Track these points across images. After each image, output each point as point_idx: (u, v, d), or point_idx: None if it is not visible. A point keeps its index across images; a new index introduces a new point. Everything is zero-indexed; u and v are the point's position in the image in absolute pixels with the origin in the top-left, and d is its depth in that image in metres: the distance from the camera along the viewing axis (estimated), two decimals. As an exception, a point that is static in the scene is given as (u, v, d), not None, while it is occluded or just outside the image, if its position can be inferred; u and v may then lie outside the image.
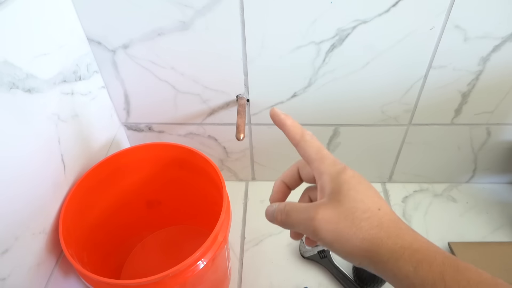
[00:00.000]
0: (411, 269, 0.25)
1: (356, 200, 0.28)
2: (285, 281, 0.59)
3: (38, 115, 0.42)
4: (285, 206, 0.32)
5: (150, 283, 0.38)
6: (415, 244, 0.26)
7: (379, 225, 0.27)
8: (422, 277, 0.25)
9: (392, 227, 0.27)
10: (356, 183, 0.29)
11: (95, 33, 0.51)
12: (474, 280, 0.23)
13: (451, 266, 0.24)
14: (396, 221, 0.28)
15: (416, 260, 0.25)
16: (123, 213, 0.58)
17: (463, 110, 0.59)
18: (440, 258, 0.25)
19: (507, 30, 0.49)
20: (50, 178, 0.44)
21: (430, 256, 0.25)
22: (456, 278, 0.24)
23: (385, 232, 0.27)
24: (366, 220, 0.28)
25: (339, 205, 0.28)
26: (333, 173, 0.30)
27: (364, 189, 0.29)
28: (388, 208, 0.29)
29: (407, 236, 0.27)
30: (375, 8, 0.47)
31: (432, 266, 0.25)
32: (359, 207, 0.28)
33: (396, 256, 0.26)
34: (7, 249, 0.37)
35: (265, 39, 0.51)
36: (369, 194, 0.29)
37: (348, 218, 0.28)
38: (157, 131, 0.66)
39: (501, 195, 0.71)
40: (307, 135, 0.33)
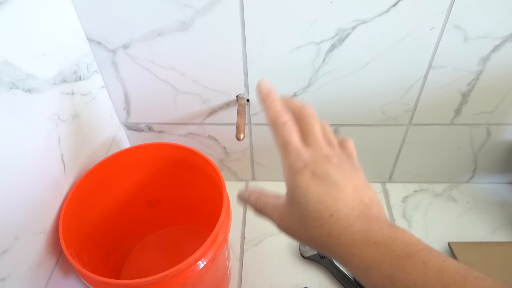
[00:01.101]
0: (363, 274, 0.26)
1: (308, 208, 0.28)
2: (285, 281, 0.59)
3: (38, 115, 0.42)
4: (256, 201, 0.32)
5: (150, 283, 0.38)
6: (365, 250, 0.26)
7: (329, 233, 0.27)
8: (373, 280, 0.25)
9: (344, 234, 0.27)
10: (312, 185, 0.28)
11: (95, 33, 0.51)
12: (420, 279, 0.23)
13: (398, 269, 0.24)
14: (349, 225, 0.27)
15: (366, 266, 0.25)
16: (123, 213, 0.58)
17: (463, 110, 0.59)
18: (388, 262, 0.25)
19: (507, 30, 0.49)
20: (50, 178, 0.44)
21: (379, 260, 0.25)
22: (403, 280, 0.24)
23: (336, 240, 0.27)
24: (317, 229, 0.27)
25: (294, 211, 0.29)
26: (291, 173, 0.29)
27: (320, 192, 0.28)
28: (344, 208, 0.27)
29: (359, 242, 0.26)
30: (375, 8, 0.47)
31: (381, 271, 0.25)
32: (310, 216, 0.27)
33: (347, 262, 0.27)
34: (7, 249, 0.37)
35: (265, 39, 0.51)
36: (323, 198, 0.27)
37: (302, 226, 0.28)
38: (157, 131, 0.66)
39: (501, 195, 0.71)
40: (278, 124, 0.31)
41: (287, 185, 0.29)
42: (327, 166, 0.29)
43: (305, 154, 0.29)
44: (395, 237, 0.26)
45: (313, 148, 0.30)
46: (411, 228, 0.66)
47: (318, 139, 0.31)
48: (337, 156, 0.30)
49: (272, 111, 0.31)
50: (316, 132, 0.31)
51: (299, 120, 0.32)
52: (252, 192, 0.33)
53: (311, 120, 0.32)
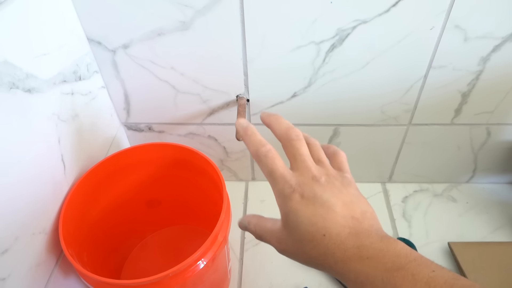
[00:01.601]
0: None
1: (301, 230, 0.28)
2: (285, 281, 0.59)
3: (38, 115, 0.42)
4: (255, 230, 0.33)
5: (150, 283, 0.38)
6: (359, 266, 0.27)
7: (325, 252, 0.28)
8: None
9: (337, 252, 0.27)
10: (302, 208, 0.29)
11: (95, 33, 0.51)
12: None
13: (389, 283, 0.25)
14: (341, 242, 0.28)
15: (361, 282, 0.26)
16: (123, 213, 0.58)
17: (463, 110, 0.59)
18: (380, 276, 0.26)
19: (507, 30, 0.49)
20: (50, 178, 0.44)
21: (372, 275, 0.26)
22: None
23: (332, 258, 0.28)
24: (313, 250, 0.28)
25: (289, 235, 0.30)
26: (281, 199, 0.30)
27: (310, 214, 0.28)
28: (335, 227, 0.28)
29: (352, 257, 0.27)
30: (375, 8, 0.47)
31: (374, 286, 0.26)
32: (304, 238, 0.28)
33: (345, 278, 0.28)
34: (7, 249, 0.37)
35: (265, 39, 0.51)
36: (314, 221, 0.28)
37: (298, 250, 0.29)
38: (157, 131, 0.66)
39: (501, 195, 0.71)
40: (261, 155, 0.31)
41: (280, 211, 0.30)
42: (315, 187, 0.29)
43: (291, 179, 0.30)
44: (387, 249, 0.27)
45: (300, 171, 0.31)
46: (411, 228, 0.66)
47: (305, 161, 0.31)
48: (325, 174, 0.31)
49: (253, 144, 0.32)
50: (302, 155, 0.31)
51: (285, 143, 0.32)
52: (251, 219, 0.34)
53: (297, 143, 0.32)
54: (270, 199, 0.71)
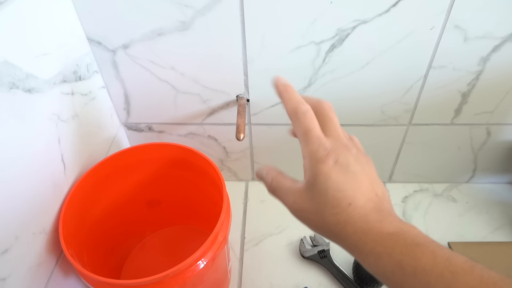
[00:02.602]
0: (372, 261, 0.27)
1: (327, 195, 0.28)
2: (285, 281, 0.59)
3: (38, 115, 0.42)
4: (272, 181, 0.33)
5: (150, 283, 0.38)
6: (378, 238, 0.27)
7: (346, 221, 0.28)
8: (383, 266, 0.26)
9: (359, 222, 0.28)
10: (333, 173, 0.29)
11: (95, 33, 0.51)
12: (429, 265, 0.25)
13: (408, 255, 0.25)
14: (366, 214, 0.28)
15: (377, 253, 0.27)
16: (123, 213, 0.58)
17: (463, 110, 0.59)
18: (399, 249, 0.26)
19: (507, 30, 0.49)
20: (50, 178, 0.44)
21: (391, 247, 0.26)
22: (412, 264, 0.25)
23: (351, 228, 0.28)
24: (334, 216, 0.28)
25: (312, 197, 0.29)
26: (313, 161, 0.29)
27: (340, 182, 0.28)
28: (361, 199, 0.28)
29: (373, 230, 0.27)
30: (375, 8, 0.47)
31: (391, 257, 0.26)
32: (329, 203, 0.28)
33: (359, 250, 0.28)
34: (7, 249, 0.37)
35: (265, 39, 0.51)
36: (343, 188, 0.28)
37: (318, 212, 0.29)
38: (157, 131, 0.66)
39: (501, 195, 0.71)
40: (299, 112, 0.31)
41: (308, 172, 0.30)
42: (348, 156, 0.30)
43: (326, 142, 0.30)
44: (406, 229, 0.27)
45: (334, 138, 0.31)
46: (411, 228, 0.66)
47: (338, 130, 0.31)
48: (355, 147, 0.31)
49: (292, 101, 0.32)
50: (335, 124, 0.32)
51: (318, 112, 0.32)
52: (270, 171, 0.33)
53: (330, 112, 0.32)
54: (270, 199, 0.71)
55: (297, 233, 0.64)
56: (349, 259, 0.60)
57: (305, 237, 0.62)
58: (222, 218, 0.43)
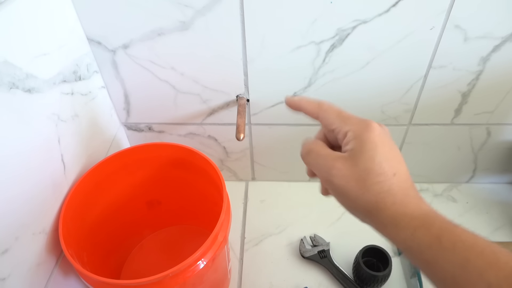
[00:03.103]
0: (409, 234, 0.27)
1: (374, 162, 0.29)
2: (285, 281, 0.59)
3: (38, 115, 0.42)
4: (310, 144, 0.33)
5: (150, 283, 0.38)
6: (417, 211, 0.27)
7: (388, 190, 0.28)
8: (419, 239, 0.26)
9: (400, 194, 0.28)
10: (379, 143, 0.29)
11: (95, 33, 0.51)
12: (469, 241, 0.25)
13: (448, 230, 0.26)
14: (407, 188, 0.29)
15: (414, 226, 0.27)
16: (123, 213, 0.58)
17: (463, 110, 0.59)
18: (438, 223, 0.26)
19: (507, 30, 0.49)
20: (50, 178, 0.44)
21: (429, 222, 0.27)
22: (452, 239, 0.25)
23: (392, 198, 0.28)
24: (377, 184, 0.28)
25: (357, 163, 0.29)
26: (358, 130, 0.30)
27: (386, 151, 0.29)
28: (404, 174, 0.29)
29: (412, 204, 0.28)
30: (375, 8, 0.47)
31: (430, 231, 0.26)
32: (375, 170, 0.28)
33: (395, 223, 0.28)
34: (7, 249, 0.37)
35: (265, 39, 0.51)
36: (389, 157, 0.29)
37: (361, 178, 0.29)
38: (157, 131, 0.66)
39: (501, 195, 0.71)
40: (324, 105, 0.33)
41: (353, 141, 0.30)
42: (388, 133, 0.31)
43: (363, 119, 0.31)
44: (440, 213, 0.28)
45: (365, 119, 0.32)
46: (411, 228, 0.66)
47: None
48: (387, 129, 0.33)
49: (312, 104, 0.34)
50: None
51: None
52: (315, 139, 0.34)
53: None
54: (270, 199, 0.71)
55: (297, 233, 0.64)
56: (349, 259, 0.60)
57: (305, 237, 0.62)
58: (222, 218, 0.43)
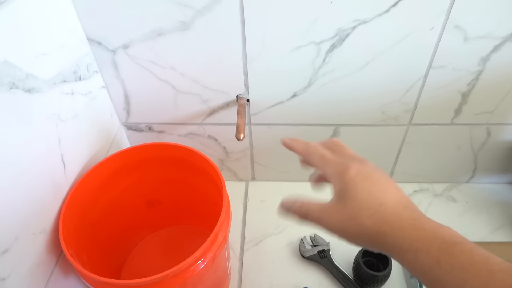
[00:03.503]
0: (412, 257, 0.28)
1: (359, 199, 0.31)
2: (285, 281, 0.59)
3: (38, 115, 0.42)
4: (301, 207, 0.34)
5: (150, 283, 0.38)
6: (414, 233, 0.28)
7: (382, 220, 0.29)
8: (421, 263, 0.27)
9: (394, 220, 0.29)
10: (359, 180, 0.31)
11: (95, 33, 0.51)
12: (466, 262, 0.25)
13: (446, 252, 0.26)
14: (399, 212, 0.30)
15: (415, 249, 0.28)
16: (123, 213, 0.58)
17: (463, 110, 0.59)
18: (437, 245, 0.27)
19: (507, 30, 0.49)
20: (50, 178, 0.44)
21: (427, 244, 0.27)
22: (450, 261, 0.26)
23: (388, 226, 0.29)
24: (369, 218, 0.30)
25: (345, 206, 0.31)
26: (338, 174, 0.33)
27: (367, 186, 0.31)
28: (391, 200, 0.30)
29: (408, 227, 0.29)
30: (375, 8, 0.47)
31: (429, 253, 0.27)
32: (362, 206, 0.30)
33: (398, 246, 0.29)
34: (7, 249, 0.37)
35: (265, 39, 0.51)
36: (371, 191, 0.31)
37: (353, 218, 0.30)
38: (157, 131, 0.66)
39: (501, 195, 0.71)
40: (310, 147, 0.36)
41: (336, 187, 0.32)
42: (368, 167, 0.33)
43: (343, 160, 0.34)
44: (441, 228, 0.28)
45: (349, 157, 0.35)
46: (411, 228, 0.66)
47: (350, 152, 0.36)
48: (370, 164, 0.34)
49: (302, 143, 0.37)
50: (347, 148, 0.36)
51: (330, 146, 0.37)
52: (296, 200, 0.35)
53: (340, 142, 0.37)
54: (270, 199, 0.71)
55: (297, 233, 0.64)
56: (349, 259, 0.60)
57: (305, 237, 0.62)
58: (222, 218, 0.43)
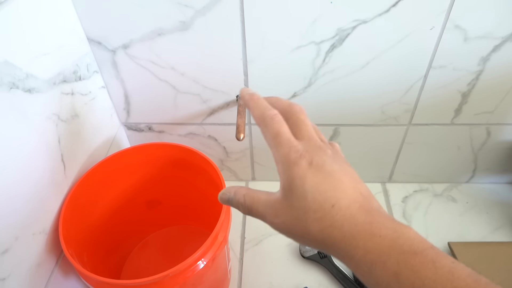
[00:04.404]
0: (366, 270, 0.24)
1: (307, 198, 0.26)
2: (285, 281, 0.59)
3: (38, 115, 0.42)
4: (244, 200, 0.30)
5: (150, 283, 0.38)
6: (369, 243, 0.24)
7: (331, 224, 0.25)
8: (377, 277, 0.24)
9: (346, 225, 0.25)
10: (309, 175, 0.26)
11: (95, 33, 0.51)
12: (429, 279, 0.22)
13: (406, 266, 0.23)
14: (351, 216, 0.25)
15: (370, 261, 0.24)
16: (123, 213, 0.58)
17: (463, 110, 0.59)
18: (395, 257, 0.23)
19: (507, 30, 0.49)
20: (50, 178, 0.44)
21: (384, 256, 0.24)
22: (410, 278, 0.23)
23: (339, 232, 0.25)
24: (317, 221, 0.26)
25: (291, 204, 0.27)
26: (285, 164, 0.27)
27: (318, 182, 0.26)
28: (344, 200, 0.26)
29: (362, 233, 0.25)
30: (375, 8, 0.47)
31: (386, 266, 0.23)
32: (310, 207, 0.26)
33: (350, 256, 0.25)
34: (7, 249, 0.37)
35: (265, 39, 0.51)
36: (322, 189, 0.26)
37: (300, 219, 0.26)
38: (157, 131, 0.66)
39: (501, 195, 0.71)
40: (267, 117, 0.30)
41: (282, 178, 0.28)
42: (323, 156, 0.27)
43: (298, 145, 0.28)
44: (401, 231, 0.25)
45: (306, 140, 0.29)
46: (411, 228, 0.66)
47: (310, 131, 0.29)
48: (330, 149, 0.29)
49: (259, 108, 0.31)
50: (307, 125, 0.30)
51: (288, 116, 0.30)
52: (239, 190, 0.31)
53: (301, 115, 0.31)
54: (270, 199, 0.71)
55: (297, 233, 0.64)
56: (349, 259, 0.60)
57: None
58: (222, 218, 0.43)
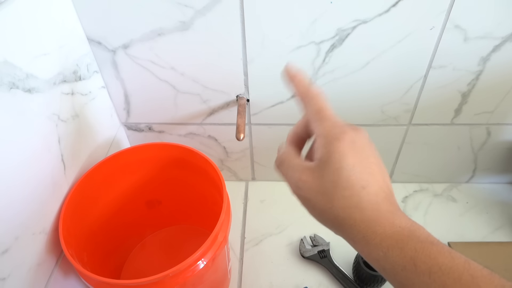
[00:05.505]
0: (381, 254, 0.25)
1: (340, 175, 0.26)
2: (285, 281, 0.59)
3: (38, 115, 0.42)
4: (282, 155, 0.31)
5: (150, 283, 0.38)
6: (389, 229, 0.25)
7: (357, 205, 0.26)
8: (392, 260, 0.24)
9: (370, 209, 0.26)
10: (348, 153, 0.27)
11: (95, 33, 0.51)
12: (446, 265, 0.23)
13: (423, 252, 0.24)
14: (378, 202, 0.26)
15: (387, 246, 0.25)
16: (123, 213, 0.58)
17: (463, 110, 0.59)
18: (413, 244, 0.24)
19: (507, 30, 0.49)
20: (50, 178, 0.44)
21: (402, 241, 0.25)
22: (427, 263, 0.23)
23: (360, 215, 0.26)
24: (344, 198, 0.26)
25: (323, 175, 0.27)
26: (328, 137, 0.28)
27: (355, 162, 0.27)
28: (376, 185, 0.27)
29: (383, 220, 0.26)
30: (375, 8, 0.47)
31: (403, 252, 0.24)
32: (341, 183, 0.26)
33: (366, 240, 0.26)
34: (7, 249, 0.37)
35: (265, 39, 0.51)
36: (358, 169, 0.27)
37: (327, 192, 0.27)
38: (157, 131, 0.66)
39: (501, 195, 0.71)
40: (312, 92, 0.30)
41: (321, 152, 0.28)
42: (364, 139, 0.28)
43: (342, 122, 0.29)
44: (417, 227, 0.26)
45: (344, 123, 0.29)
46: (411, 228, 0.66)
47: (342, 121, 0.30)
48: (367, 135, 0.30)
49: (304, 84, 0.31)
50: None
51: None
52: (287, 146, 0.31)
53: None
54: (270, 199, 0.71)
55: (297, 233, 0.64)
56: (349, 259, 0.60)
57: (305, 237, 0.62)
58: (222, 218, 0.43)
